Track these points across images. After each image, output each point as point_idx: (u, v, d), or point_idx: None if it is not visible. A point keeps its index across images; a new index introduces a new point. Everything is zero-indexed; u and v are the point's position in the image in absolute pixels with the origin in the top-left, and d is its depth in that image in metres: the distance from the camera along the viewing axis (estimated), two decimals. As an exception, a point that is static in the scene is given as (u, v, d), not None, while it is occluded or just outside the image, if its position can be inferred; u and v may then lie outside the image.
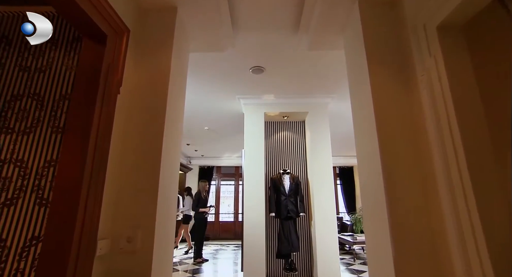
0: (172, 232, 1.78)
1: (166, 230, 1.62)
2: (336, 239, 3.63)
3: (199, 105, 4.40)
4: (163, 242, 1.56)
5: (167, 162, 1.63)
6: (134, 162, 1.54)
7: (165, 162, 1.58)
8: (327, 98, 4.02)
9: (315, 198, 3.73)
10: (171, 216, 1.73)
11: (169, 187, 1.68)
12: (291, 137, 4.40)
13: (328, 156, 3.89)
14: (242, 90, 3.83)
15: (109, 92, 1.41)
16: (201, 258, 5.48)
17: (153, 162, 1.53)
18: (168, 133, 1.65)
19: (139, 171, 1.52)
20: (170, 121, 1.69)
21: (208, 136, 6.33)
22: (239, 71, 3.28)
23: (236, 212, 9.17)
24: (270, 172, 4.21)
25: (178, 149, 1.94)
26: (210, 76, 3.43)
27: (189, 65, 2.97)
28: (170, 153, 1.69)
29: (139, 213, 1.46)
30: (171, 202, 1.72)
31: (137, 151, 1.55)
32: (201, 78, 3.48)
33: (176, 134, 1.83)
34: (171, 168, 1.71)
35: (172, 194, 1.75)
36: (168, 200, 1.65)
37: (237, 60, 3.03)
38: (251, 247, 3.57)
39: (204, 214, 5.63)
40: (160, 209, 1.49)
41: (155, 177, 1.51)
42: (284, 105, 4.09)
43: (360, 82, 1.75)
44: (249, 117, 4.10)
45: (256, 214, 3.68)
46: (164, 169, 1.57)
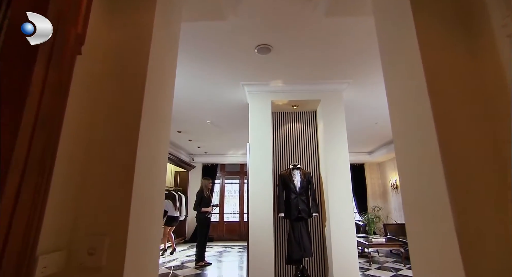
0: (157, 241, 1.38)
1: (146, 238, 1.22)
2: (355, 243, 3.19)
3: (199, 95, 3.99)
4: (140, 254, 1.15)
5: (147, 150, 1.22)
6: (101, 149, 1.13)
7: (144, 151, 1.18)
8: (342, 84, 3.58)
9: (330, 196, 3.30)
10: (155, 220, 1.32)
11: (151, 183, 1.28)
12: (302, 129, 3.97)
13: (344, 149, 3.46)
14: (246, 75, 3.41)
15: (60, 49, 1.01)
16: (203, 261, 5.10)
17: (126, 150, 1.13)
18: (149, 114, 1.24)
19: (108, 161, 1.12)
20: (152, 98, 1.28)
21: (211, 131, 5.93)
22: (243, 51, 2.86)
23: (242, 212, 8.79)
24: (278, 168, 3.79)
25: (165, 136, 1.53)
26: (210, 59, 3.02)
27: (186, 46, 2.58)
28: (152, 139, 1.28)
29: (106, 215, 1.06)
30: (155, 203, 1.32)
31: (106, 135, 1.15)
32: (200, 61, 3.07)
33: (161, 116, 1.42)
34: (153, 159, 1.31)
35: (156, 192, 1.34)
36: (149, 200, 1.25)
37: (240, 37, 2.61)
38: (258, 253, 3.15)
39: (207, 214, 5.24)
40: (136, 211, 1.09)
41: (129, 170, 1.10)
42: (294, 93, 3.66)
43: (399, 43, 1.33)
44: (254, 106, 3.68)
45: (263, 215, 3.26)
46: (143, 159, 1.17)
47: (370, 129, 5.82)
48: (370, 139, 6.68)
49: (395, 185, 7.78)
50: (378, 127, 5.62)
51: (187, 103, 4.32)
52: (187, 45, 2.73)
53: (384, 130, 5.90)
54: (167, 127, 1.59)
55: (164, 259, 5.62)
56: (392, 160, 8.12)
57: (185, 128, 5.77)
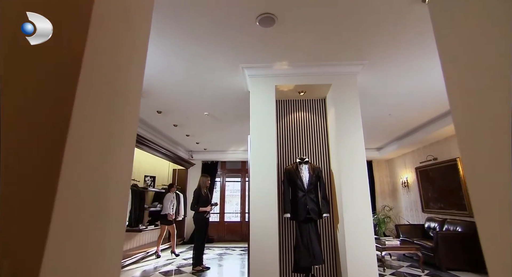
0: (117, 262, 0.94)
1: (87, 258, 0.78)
2: (373, 249, 2.74)
3: (193, 81, 3.56)
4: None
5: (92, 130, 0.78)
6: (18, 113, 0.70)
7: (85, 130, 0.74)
8: (357, 66, 3.13)
9: (344, 194, 2.86)
10: (108, 230, 0.88)
11: (102, 178, 0.84)
12: (309, 119, 3.52)
13: (359, 140, 3.01)
14: (247, 55, 2.96)
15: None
16: (201, 265, 4.67)
17: (53, 122, 0.69)
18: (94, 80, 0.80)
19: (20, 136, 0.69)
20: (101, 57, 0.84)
21: (209, 124, 5.50)
22: (242, 22, 2.42)
23: (243, 212, 8.37)
24: (283, 162, 3.35)
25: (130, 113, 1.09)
26: (204, 34, 2.58)
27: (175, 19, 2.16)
28: (101, 116, 0.84)
29: (11, 226, 0.63)
30: (109, 205, 0.88)
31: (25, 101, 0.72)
32: (192, 38, 2.63)
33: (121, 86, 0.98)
34: (105, 143, 0.87)
35: (112, 191, 0.90)
36: (97, 202, 0.81)
37: (239, 2, 2.18)
38: (260, 260, 2.72)
39: (205, 214, 4.80)
40: (67, 218, 0.66)
41: (53, 154, 0.67)
42: (301, 77, 3.22)
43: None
44: (256, 93, 3.23)
45: (266, 216, 2.82)
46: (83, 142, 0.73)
47: (382, 122, 5.34)
48: (381, 133, 6.20)
49: (406, 183, 7.31)
50: (391, 120, 5.15)
51: (181, 91, 3.89)
52: (177, 18, 2.30)
53: (397, 123, 5.43)
54: (135, 101, 1.14)
55: (158, 263, 5.21)
56: (402, 157, 7.65)
57: (181, 122, 5.34)
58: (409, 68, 3.21)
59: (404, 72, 3.31)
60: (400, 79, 3.49)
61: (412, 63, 3.10)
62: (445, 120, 5.00)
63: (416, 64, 3.11)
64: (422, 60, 3.03)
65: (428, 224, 5.77)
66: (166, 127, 5.74)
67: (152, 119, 5.10)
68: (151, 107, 4.47)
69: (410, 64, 3.11)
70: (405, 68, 3.21)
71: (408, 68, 3.21)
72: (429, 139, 5.89)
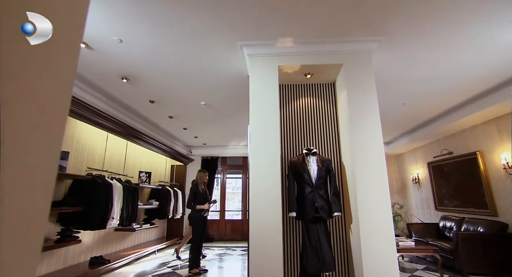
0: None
1: None
2: (394, 254, 2.34)
3: (187, 64, 3.16)
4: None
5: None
6: None
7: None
8: (372, 43, 2.71)
9: (359, 191, 2.46)
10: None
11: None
12: (317, 105, 3.12)
13: (377, 129, 2.60)
14: (245, 29, 2.55)
15: None
16: (198, 268, 4.30)
17: None
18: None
19: None
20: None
21: (207, 116, 5.11)
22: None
23: (245, 209, 8.00)
24: (288, 154, 2.96)
25: (65, 66, 0.70)
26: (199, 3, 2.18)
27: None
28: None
29: None
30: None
31: None
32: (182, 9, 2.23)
33: None
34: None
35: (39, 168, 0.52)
36: None
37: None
38: (262, 266, 2.33)
39: (203, 212, 4.42)
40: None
41: None
42: (308, 56, 2.81)
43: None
44: (256, 75, 2.83)
45: (268, 215, 2.44)
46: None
47: (394, 113, 4.91)
48: (391, 125, 5.76)
49: (417, 179, 6.88)
50: (404, 109, 4.72)
51: (175, 78, 3.49)
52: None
53: (411, 114, 4.99)
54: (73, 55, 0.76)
55: (153, 264, 4.85)
56: (412, 151, 7.21)
57: (177, 113, 4.95)
58: (435, 46, 2.78)
59: (427, 51, 2.88)
60: (422, 59, 3.06)
61: (439, 40, 2.68)
62: (463, 110, 4.57)
63: (443, 41, 2.69)
64: (448, 35, 2.61)
65: (443, 223, 5.35)
66: (161, 120, 5.36)
67: (144, 109, 4.72)
68: (142, 95, 4.09)
69: (436, 40, 2.69)
70: (428, 46, 2.78)
71: (433, 46, 2.78)
72: (443, 131, 5.45)
